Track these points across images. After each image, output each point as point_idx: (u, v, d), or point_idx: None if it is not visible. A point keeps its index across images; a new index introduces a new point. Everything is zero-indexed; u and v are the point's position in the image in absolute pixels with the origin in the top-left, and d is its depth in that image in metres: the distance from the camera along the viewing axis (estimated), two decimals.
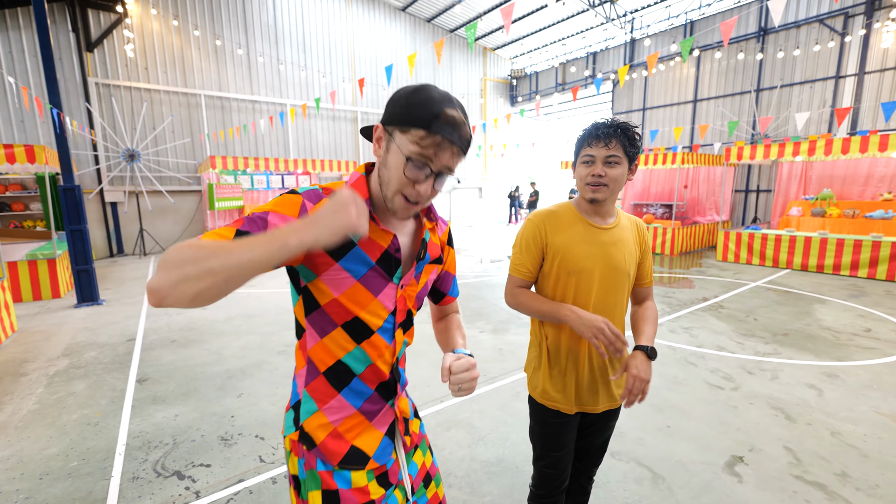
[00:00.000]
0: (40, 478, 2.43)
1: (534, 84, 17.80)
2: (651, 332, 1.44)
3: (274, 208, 0.82)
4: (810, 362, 3.84)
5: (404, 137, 0.85)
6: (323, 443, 0.93)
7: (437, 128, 0.83)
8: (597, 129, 1.32)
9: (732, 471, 2.38)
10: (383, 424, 1.00)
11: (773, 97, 11.20)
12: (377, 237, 0.92)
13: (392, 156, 0.87)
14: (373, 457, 0.96)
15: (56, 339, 4.71)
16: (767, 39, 11.27)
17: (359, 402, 0.96)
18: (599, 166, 1.31)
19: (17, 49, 9.37)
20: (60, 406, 3.23)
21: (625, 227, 1.44)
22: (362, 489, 0.93)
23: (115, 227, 10.81)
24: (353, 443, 0.94)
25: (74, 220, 5.84)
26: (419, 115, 0.83)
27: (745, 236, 8.58)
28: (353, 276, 0.89)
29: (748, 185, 12.06)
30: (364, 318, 0.92)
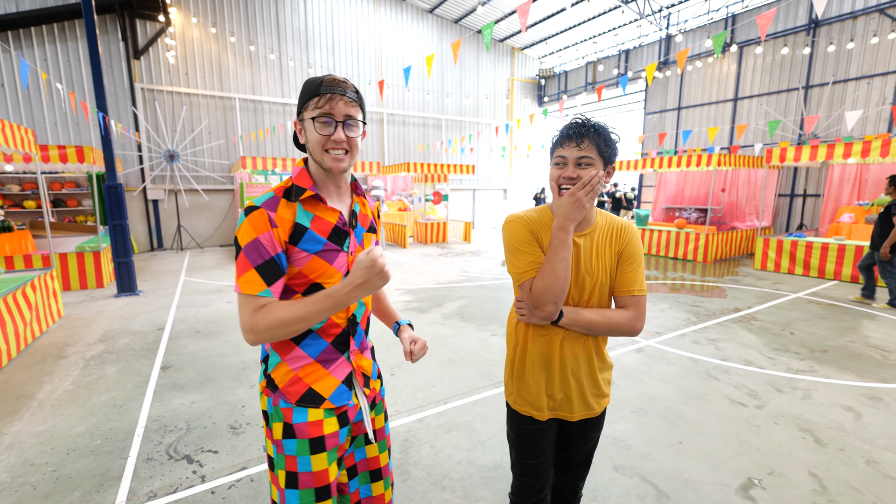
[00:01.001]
0: (67, 453, 2.60)
1: (562, 84, 17.48)
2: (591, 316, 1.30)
3: (256, 232, 1.03)
4: (851, 382, 3.56)
5: (308, 113, 1.09)
6: (284, 386, 1.13)
7: (323, 90, 1.06)
8: (569, 129, 1.26)
9: (746, 494, 2.23)
10: (341, 373, 1.18)
11: (824, 94, 10.46)
12: (326, 215, 1.13)
13: (308, 131, 1.10)
14: (328, 398, 1.15)
15: (95, 325, 5.01)
16: (819, 32, 10.53)
17: (315, 352, 1.15)
18: (571, 168, 1.25)
19: (74, 58, 10.09)
20: (92, 388, 3.44)
21: (602, 232, 1.35)
22: (315, 423, 1.13)
23: (156, 223, 11.43)
24: (311, 386, 1.14)
25: (116, 216, 6.19)
26: (308, 91, 1.08)
27: (787, 244, 8.08)
28: (309, 253, 1.09)
29: (794, 189, 11.34)
30: (321, 283, 1.11)
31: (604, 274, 1.34)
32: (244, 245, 1.03)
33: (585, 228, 1.34)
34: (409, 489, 2.29)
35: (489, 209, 17.88)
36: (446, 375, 3.69)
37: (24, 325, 4.29)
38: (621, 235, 1.36)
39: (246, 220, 1.03)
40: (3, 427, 2.88)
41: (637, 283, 1.33)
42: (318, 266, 1.10)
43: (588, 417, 1.42)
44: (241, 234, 1.03)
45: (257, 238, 1.03)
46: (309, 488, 1.12)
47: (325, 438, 1.13)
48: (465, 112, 16.31)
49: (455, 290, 6.83)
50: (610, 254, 1.35)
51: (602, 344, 1.42)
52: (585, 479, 1.57)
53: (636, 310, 1.33)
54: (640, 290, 1.34)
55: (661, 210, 12.48)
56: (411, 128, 15.20)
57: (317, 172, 1.14)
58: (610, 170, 1.30)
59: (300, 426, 1.12)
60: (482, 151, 16.99)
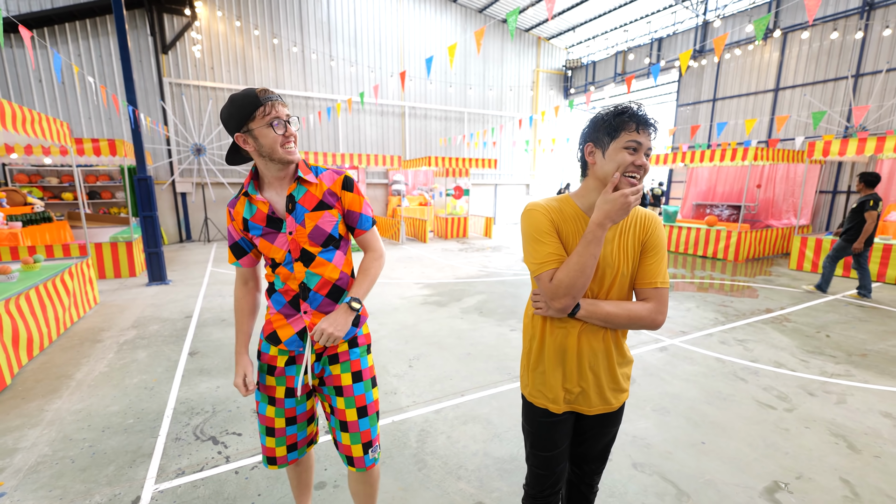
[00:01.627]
0: (103, 430, 2.74)
1: (590, 75, 16.93)
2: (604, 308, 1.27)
3: (228, 223, 1.54)
4: (891, 388, 3.37)
5: (256, 121, 1.33)
6: (263, 325, 1.57)
7: (264, 100, 1.32)
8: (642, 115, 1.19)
9: (772, 497, 2.15)
10: (297, 325, 1.50)
11: (876, 83, 9.74)
12: (261, 206, 1.43)
13: (260, 136, 1.34)
14: (284, 342, 1.50)
15: (128, 312, 5.22)
16: (874, 15, 9.74)
17: (279, 306, 1.51)
18: (640, 156, 1.19)
19: (106, 53, 10.46)
20: (125, 371, 3.60)
21: (624, 223, 1.31)
22: (272, 356, 1.54)
23: (184, 215, 11.81)
24: (275, 329, 1.51)
25: (146, 208, 6.42)
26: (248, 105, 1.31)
27: (826, 243, 7.68)
28: (256, 236, 1.45)
29: (837, 186, 10.70)
30: (272, 257, 1.46)
31: (625, 265, 1.29)
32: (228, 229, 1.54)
33: None
34: (425, 477, 2.30)
35: (511, 204, 17.67)
36: (464, 368, 3.69)
37: (63, 310, 4.51)
38: (645, 225, 1.31)
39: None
40: (44, 404, 3.05)
41: (660, 275, 1.29)
42: (264, 245, 1.45)
43: (605, 412, 1.39)
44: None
45: (228, 227, 1.53)
46: (263, 394, 1.56)
47: (276, 368, 1.53)
48: (488, 105, 16.11)
49: (475, 284, 6.80)
50: (633, 244, 1.30)
51: (622, 338, 1.38)
52: (601, 473, 1.54)
53: (658, 302, 1.28)
54: (663, 282, 1.29)
55: (690, 207, 12.07)
56: (433, 121, 15.13)
57: (264, 171, 1.42)
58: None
59: (263, 354, 1.56)
60: (505, 145, 16.77)
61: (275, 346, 1.51)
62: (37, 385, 3.35)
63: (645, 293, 1.31)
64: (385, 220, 12.64)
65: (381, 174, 14.68)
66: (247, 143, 1.36)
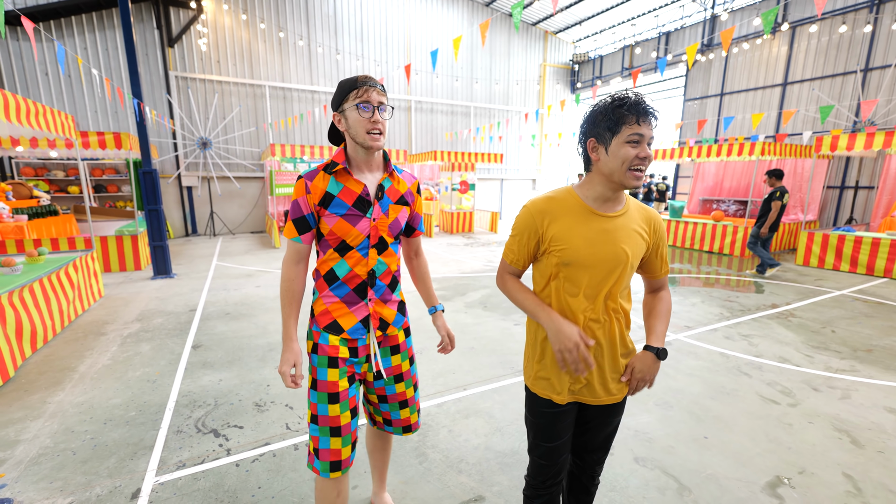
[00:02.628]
0: (105, 423, 2.75)
1: (597, 69, 16.80)
2: (662, 330, 1.40)
3: (297, 195, 1.43)
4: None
5: (349, 104, 1.39)
6: (317, 316, 1.50)
7: (360, 83, 1.38)
8: (643, 105, 1.18)
9: (773, 492, 2.14)
10: (360, 314, 1.50)
11: (885, 78, 9.60)
12: (353, 186, 1.44)
13: (349, 119, 1.40)
14: (347, 331, 1.48)
15: (133, 305, 5.26)
16: (884, 9, 9.60)
17: (341, 294, 1.48)
18: (643, 146, 1.18)
19: (112, 46, 10.45)
20: (128, 363, 3.62)
21: (632, 216, 1.32)
22: (333, 346, 1.48)
23: (190, 209, 11.83)
24: (336, 319, 1.48)
25: (151, 201, 6.44)
26: (346, 87, 1.39)
27: (832, 239, 7.60)
28: (337, 216, 1.42)
29: (844, 181, 10.58)
30: (347, 240, 1.44)
31: (634, 256, 1.32)
32: (293, 200, 1.44)
33: (618, 209, 1.32)
34: (426, 470, 2.30)
35: (517, 199, 17.60)
36: (467, 363, 3.68)
37: (67, 302, 4.54)
38: (652, 221, 1.38)
39: (295, 184, 1.44)
40: (47, 396, 3.08)
41: (666, 264, 1.45)
42: (343, 227, 1.42)
43: (610, 403, 1.39)
44: (293, 193, 1.47)
45: (296, 200, 1.43)
46: (324, 392, 1.46)
47: (338, 359, 1.47)
48: (494, 99, 16.02)
49: (479, 279, 6.79)
50: (641, 237, 1.34)
51: (625, 329, 1.38)
52: (603, 464, 1.54)
53: (667, 286, 1.50)
54: (667, 269, 1.46)
55: (697, 202, 11.97)
56: (439, 115, 15.07)
57: (353, 152, 1.45)
58: None
59: (322, 346, 1.47)
60: (511, 140, 16.68)
61: (336, 335, 1.47)
62: (40, 377, 3.37)
63: (656, 283, 1.48)
64: None
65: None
66: (340, 122, 1.43)
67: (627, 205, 1.33)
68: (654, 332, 1.39)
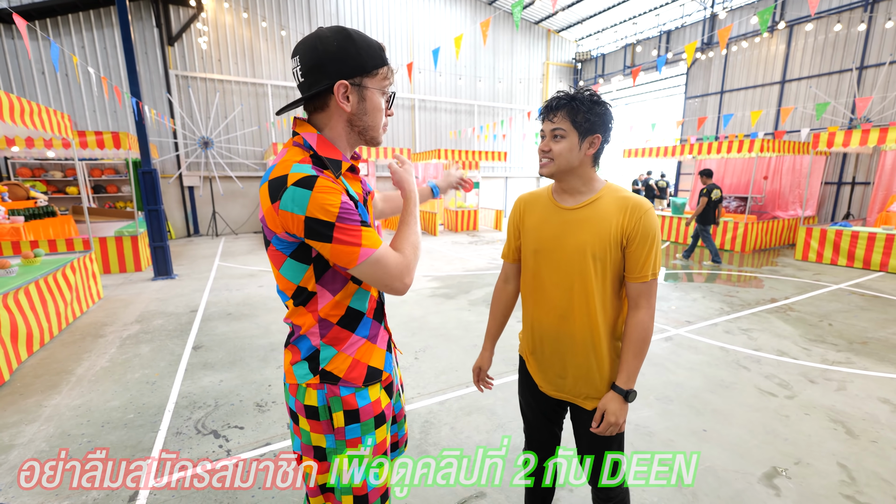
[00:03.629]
0: (102, 425, 2.74)
1: (600, 67, 16.86)
2: (632, 367, 1.29)
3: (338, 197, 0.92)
4: (890, 375, 3.37)
5: (375, 80, 0.99)
6: (347, 374, 1.08)
7: (387, 60, 1.00)
8: (547, 102, 1.29)
9: (770, 483, 2.16)
10: (383, 342, 1.18)
11: (880, 75, 9.68)
12: (356, 187, 1.08)
13: (370, 102, 1.00)
14: (384, 369, 1.16)
15: (132, 307, 5.26)
16: (878, 7, 9.69)
17: (366, 331, 1.13)
18: (546, 141, 1.30)
19: (111, 45, 10.41)
20: (127, 365, 3.62)
21: (601, 209, 1.29)
22: (376, 402, 1.12)
23: (191, 209, 11.81)
24: (369, 364, 1.12)
25: (151, 201, 6.44)
26: (377, 55, 0.97)
27: (830, 233, 7.64)
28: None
29: (842, 177, 10.64)
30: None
31: (595, 247, 1.28)
32: (337, 214, 0.90)
33: (582, 201, 1.32)
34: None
35: None
36: (470, 360, 3.70)
37: (64, 305, 4.54)
38: (629, 213, 1.27)
39: (314, 193, 0.89)
40: (43, 400, 3.05)
41: (645, 268, 1.27)
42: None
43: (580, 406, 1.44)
44: (322, 207, 0.89)
45: (342, 201, 0.92)
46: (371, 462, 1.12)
47: (384, 412, 1.15)
48: (498, 98, 16.04)
49: (483, 277, 6.81)
50: (608, 227, 1.27)
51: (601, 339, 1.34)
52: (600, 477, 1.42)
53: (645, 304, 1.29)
54: (647, 274, 1.27)
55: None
56: (443, 114, 15.08)
57: (344, 143, 1.06)
58: (594, 140, 1.27)
59: (365, 408, 1.10)
60: (515, 138, 16.71)
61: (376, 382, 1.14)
62: (36, 381, 3.34)
63: (632, 290, 1.31)
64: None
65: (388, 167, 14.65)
66: (346, 99, 0.98)
67: (598, 197, 1.31)
68: (622, 369, 1.29)
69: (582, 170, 1.30)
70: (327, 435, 1.10)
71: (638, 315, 1.29)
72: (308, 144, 0.99)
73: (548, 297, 1.38)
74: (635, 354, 1.28)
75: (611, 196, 1.30)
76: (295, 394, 1.10)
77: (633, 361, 1.29)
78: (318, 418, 1.09)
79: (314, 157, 0.98)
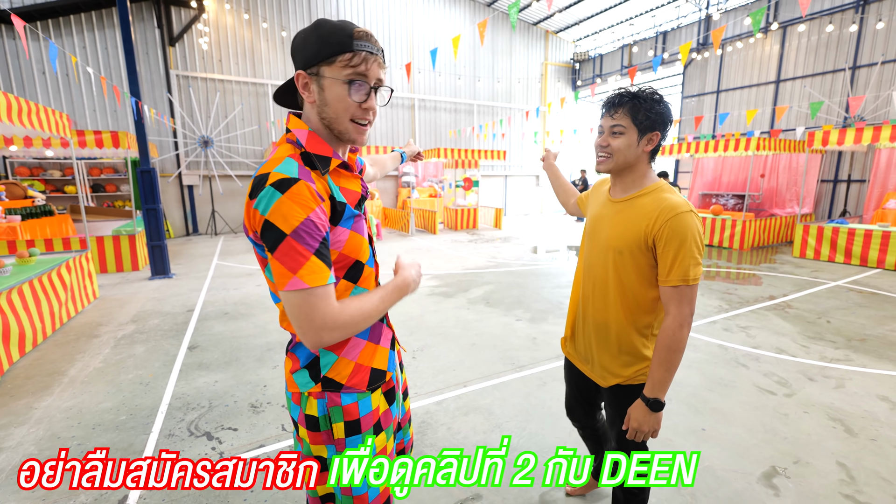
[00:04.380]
0: (93, 427, 2.71)
1: (597, 67, 16.92)
2: (656, 376, 1.28)
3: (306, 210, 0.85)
4: (888, 372, 3.36)
5: (333, 68, 0.90)
6: (349, 379, 1.03)
7: (357, 45, 0.89)
8: (607, 99, 1.34)
9: (769, 482, 2.15)
10: (386, 341, 1.13)
11: (872, 75, 9.76)
12: (352, 185, 1.02)
13: (329, 91, 0.92)
14: (388, 369, 1.11)
15: (128, 306, 5.23)
16: (868, 9, 9.80)
17: (366, 334, 1.07)
18: (604, 136, 1.34)
19: (112, 45, 10.40)
20: (121, 366, 3.59)
21: (639, 206, 1.32)
22: (375, 410, 1.07)
23: (191, 208, 11.77)
24: (372, 366, 1.07)
25: (149, 200, 6.41)
26: (337, 41, 0.88)
27: (827, 231, 7.65)
28: (348, 229, 0.97)
29: (837, 175, 10.69)
30: (359, 258, 1.01)
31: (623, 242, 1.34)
32: (294, 229, 0.83)
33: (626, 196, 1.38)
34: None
35: (521, 196, 17.65)
36: (468, 359, 3.68)
37: (59, 304, 4.50)
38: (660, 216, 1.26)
39: (284, 197, 0.83)
40: (34, 402, 3.01)
41: (673, 272, 1.24)
42: (355, 242, 0.99)
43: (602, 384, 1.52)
44: (282, 214, 0.83)
45: (309, 218, 0.84)
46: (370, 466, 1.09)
47: (381, 419, 1.10)
48: (497, 97, 16.08)
49: (482, 275, 6.79)
50: (639, 231, 1.31)
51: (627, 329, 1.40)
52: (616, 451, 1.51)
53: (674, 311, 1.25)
54: (675, 279, 1.24)
55: (697, 196, 12.05)
56: (443, 113, 15.10)
57: (329, 137, 0.99)
58: (652, 137, 1.31)
59: (366, 417, 1.05)
60: (514, 137, 16.73)
61: (382, 383, 1.10)
62: (27, 382, 3.30)
63: (663, 294, 1.28)
64: (395, 212, 12.66)
65: None
66: (306, 89, 0.94)
67: (643, 194, 1.34)
68: (649, 378, 1.30)
69: (638, 165, 1.35)
70: (328, 445, 1.05)
71: (665, 321, 1.27)
72: (299, 142, 0.95)
73: (583, 279, 1.51)
74: (659, 363, 1.26)
75: (653, 195, 1.32)
76: (298, 402, 1.05)
77: (657, 370, 1.27)
78: (317, 429, 1.04)
79: (303, 156, 0.93)
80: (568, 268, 7.39)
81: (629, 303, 1.34)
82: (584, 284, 1.49)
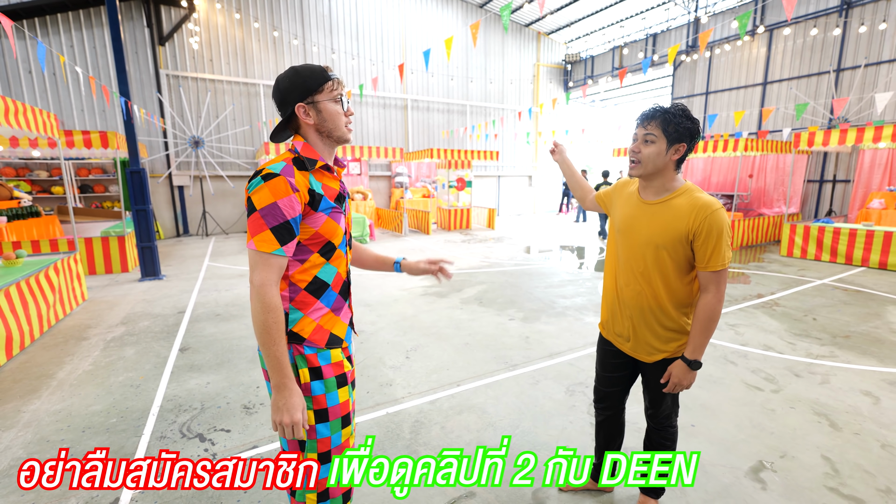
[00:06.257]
0: (83, 431, 2.67)
1: (589, 69, 17.07)
2: (697, 341, 1.55)
3: (275, 197, 1.16)
4: (871, 368, 3.44)
5: (323, 94, 1.27)
6: (311, 335, 1.29)
7: (331, 75, 1.29)
8: (645, 111, 1.55)
9: (756, 477, 2.19)
10: (346, 317, 1.41)
11: (856, 77, 9.98)
12: (331, 183, 1.33)
13: (325, 111, 1.28)
14: (344, 339, 1.37)
15: (118, 308, 5.17)
16: (851, 13, 10.04)
17: (330, 303, 1.34)
18: (637, 143, 1.54)
19: (100, 45, 10.29)
20: (111, 368, 3.55)
21: (675, 207, 1.52)
22: (338, 363, 1.33)
23: (181, 209, 11.67)
24: (331, 331, 1.33)
25: (139, 201, 6.35)
26: (319, 76, 1.26)
27: (813, 230, 7.80)
28: (325, 215, 1.28)
29: (823, 175, 10.90)
30: (332, 240, 1.31)
31: (663, 238, 1.53)
32: (261, 207, 1.15)
33: (659, 198, 1.57)
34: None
35: (513, 196, 17.71)
36: (461, 359, 3.70)
37: (47, 307, 4.44)
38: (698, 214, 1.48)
39: (265, 185, 1.16)
40: (22, 405, 2.96)
41: (711, 260, 1.49)
42: (330, 226, 1.29)
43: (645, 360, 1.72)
44: (259, 196, 1.16)
45: (276, 202, 1.16)
46: (337, 418, 1.32)
47: (346, 374, 1.35)
48: (489, 98, 16.14)
49: (476, 275, 6.82)
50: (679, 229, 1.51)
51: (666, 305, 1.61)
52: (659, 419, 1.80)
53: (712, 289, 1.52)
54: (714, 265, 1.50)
55: None
56: (435, 114, 15.12)
57: (321, 147, 1.32)
58: (679, 147, 1.50)
59: (326, 367, 1.30)
60: (507, 138, 16.81)
61: (337, 348, 1.34)
62: (14, 385, 3.25)
63: (702, 278, 1.55)
64: (388, 213, 12.67)
65: (383, 166, 14.68)
66: (308, 115, 1.27)
67: (675, 195, 1.54)
68: (689, 342, 1.58)
69: (666, 171, 1.55)
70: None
71: (706, 298, 1.53)
72: (296, 149, 1.28)
73: (623, 272, 1.68)
74: (701, 331, 1.53)
75: (686, 196, 1.53)
76: None
77: (699, 337, 1.54)
78: None
79: (296, 160, 1.25)
80: (560, 267, 7.44)
81: (672, 288, 1.58)
82: (624, 275, 1.68)
